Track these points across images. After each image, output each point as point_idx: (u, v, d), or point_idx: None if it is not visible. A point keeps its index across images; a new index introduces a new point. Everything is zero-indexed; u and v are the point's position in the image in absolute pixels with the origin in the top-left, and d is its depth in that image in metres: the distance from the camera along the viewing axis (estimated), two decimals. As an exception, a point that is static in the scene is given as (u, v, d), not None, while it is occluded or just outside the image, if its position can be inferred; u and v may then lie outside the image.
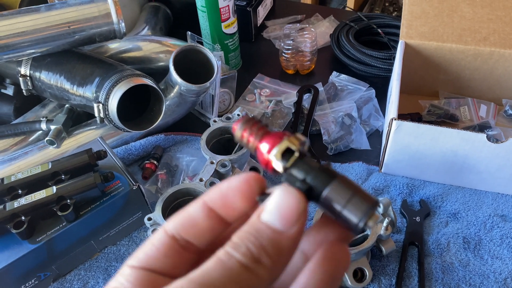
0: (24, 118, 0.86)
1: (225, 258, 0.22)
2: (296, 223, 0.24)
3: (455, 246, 0.69)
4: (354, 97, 0.91)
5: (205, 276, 0.22)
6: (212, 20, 0.93)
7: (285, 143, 0.26)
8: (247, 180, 0.26)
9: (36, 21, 0.73)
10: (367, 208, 0.24)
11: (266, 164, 0.27)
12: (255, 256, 0.22)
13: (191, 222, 0.27)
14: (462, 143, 0.69)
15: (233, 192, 0.26)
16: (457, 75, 0.86)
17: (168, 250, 0.26)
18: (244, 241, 0.23)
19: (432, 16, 0.86)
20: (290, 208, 0.24)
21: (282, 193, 0.24)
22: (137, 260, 0.26)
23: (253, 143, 0.27)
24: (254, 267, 0.22)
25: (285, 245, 0.23)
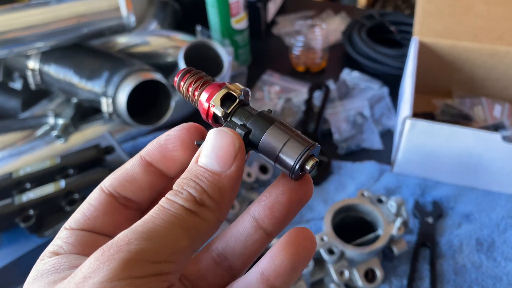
0: (32, 112, 0.85)
1: (167, 205, 0.22)
2: (233, 162, 0.23)
3: (467, 248, 0.68)
4: (366, 95, 0.89)
5: (149, 224, 0.21)
6: (222, 15, 0.92)
7: (225, 89, 0.26)
8: (187, 129, 0.26)
9: (45, 14, 0.72)
10: (303, 150, 0.24)
11: (206, 114, 0.26)
12: (198, 199, 0.22)
13: (128, 178, 0.26)
14: (476, 143, 0.68)
15: (172, 142, 0.26)
16: (472, 74, 0.85)
17: (107, 208, 0.26)
18: (185, 187, 0.23)
19: (447, 14, 0.85)
20: (225, 148, 0.23)
21: (216, 134, 0.24)
22: (75, 222, 0.25)
23: (193, 93, 0.27)
24: (199, 211, 0.22)
25: (226, 185, 0.23)
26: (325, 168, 0.78)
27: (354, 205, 0.65)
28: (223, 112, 0.26)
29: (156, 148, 0.26)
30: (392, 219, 0.63)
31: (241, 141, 0.24)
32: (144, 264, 0.20)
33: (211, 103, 0.26)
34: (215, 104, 0.26)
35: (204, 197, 0.22)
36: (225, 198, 0.23)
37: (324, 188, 0.77)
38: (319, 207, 0.74)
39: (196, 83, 0.27)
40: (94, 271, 0.19)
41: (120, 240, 0.20)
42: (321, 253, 0.60)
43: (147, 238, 0.20)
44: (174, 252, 0.21)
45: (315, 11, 1.17)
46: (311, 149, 0.24)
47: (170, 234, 0.21)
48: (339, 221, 0.65)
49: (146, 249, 0.20)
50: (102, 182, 0.27)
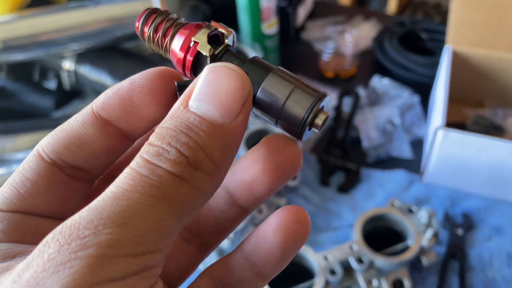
0: (64, 112, 0.87)
1: (145, 170, 0.16)
2: (240, 111, 0.17)
3: (498, 262, 0.67)
4: (397, 103, 0.88)
5: (121, 201, 0.15)
6: (253, 20, 0.92)
7: (212, 26, 0.20)
8: (159, 74, 0.20)
9: (83, 17, 0.74)
10: (313, 101, 0.19)
11: (183, 62, 0.21)
12: (192, 161, 0.16)
13: (77, 141, 0.20)
14: (509, 156, 0.67)
15: (140, 94, 0.20)
16: (505, 84, 0.83)
17: (49, 182, 0.19)
18: (172, 142, 0.16)
19: (481, 23, 0.83)
20: (231, 91, 0.17)
21: (218, 71, 0.17)
22: (5, 201, 0.19)
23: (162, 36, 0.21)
24: (192, 177, 0.16)
25: (229, 142, 0.17)
26: (354, 176, 0.78)
27: (384, 214, 0.64)
28: (211, 51, 0.20)
29: (115, 102, 0.20)
30: (422, 229, 0.62)
31: (250, 84, 0.18)
32: (122, 261, 0.14)
33: (194, 39, 0.20)
34: (200, 41, 0.20)
35: (200, 157, 0.16)
36: (227, 160, 0.17)
37: (353, 195, 0.77)
38: (347, 215, 0.73)
39: (167, 24, 0.21)
40: (50, 276, 0.14)
41: (82, 228, 0.14)
42: (350, 261, 0.60)
43: (122, 223, 0.14)
44: (159, 237, 0.15)
45: (344, 16, 1.17)
46: (322, 100, 0.20)
47: (152, 213, 0.15)
48: (369, 230, 0.65)
49: (122, 238, 0.14)
50: (39, 145, 0.20)
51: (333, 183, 0.79)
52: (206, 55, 0.20)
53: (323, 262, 0.59)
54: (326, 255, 0.60)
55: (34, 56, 0.76)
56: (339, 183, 0.78)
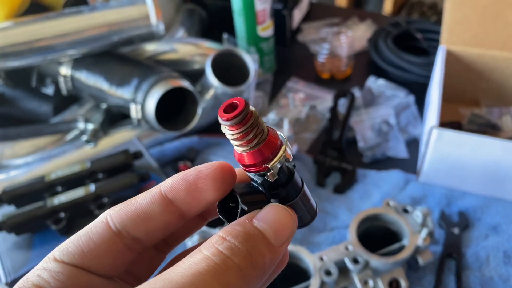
0: (62, 117, 0.88)
1: (219, 259, 0.20)
2: (285, 241, 0.23)
3: (495, 260, 0.67)
4: (392, 103, 0.89)
5: (197, 280, 0.19)
6: (248, 23, 0.93)
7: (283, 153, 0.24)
8: (221, 168, 0.24)
9: (78, 23, 0.75)
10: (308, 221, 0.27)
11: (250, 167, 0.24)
12: (253, 261, 0.21)
13: (144, 216, 0.23)
14: (504, 154, 0.67)
15: (204, 181, 0.24)
16: (500, 83, 0.84)
17: (109, 248, 0.22)
18: (243, 243, 0.21)
19: (475, 22, 0.84)
20: (286, 227, 0.23)
21: (281, 211, 0.23)
22: (68, 255, 0.22)
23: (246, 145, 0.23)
24: (249, 274, 0.20)
25: (275, 259, 0.22)
26: (350, 177, 0.78)
27: (380, 214, 0.65)
28: (274, 176, 0.24)
29: (182, 186, 0.24)
30: (417, 229, 0.62)
31: (296, 226, 0.24)
32: None
33: (269, 166, 0.23)
34: (272, 170, 0.23)
35: (259, 261, 0.21)
36: (269, 270, 0.22)
37: (349, 196, 0.77)
38: (343, 215, 0.74)
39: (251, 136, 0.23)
40: None
41: None
42: (346, 262, 0.60)
43: None
44: None
45: (340, 18, 1.17)
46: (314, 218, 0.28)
47: None
48: (364, 230, 0.65)
49: None
50: (107, 214, 0.23)
51: (329, 184, 0.79)
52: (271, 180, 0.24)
53: (319, 263, 0.59)
54: (322, 256, 0.60)
55: (31, 63, 0.76)
56: (335, 184, 0.78)
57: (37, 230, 0.66)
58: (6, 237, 0.66)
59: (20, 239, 0.66)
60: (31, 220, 0.63)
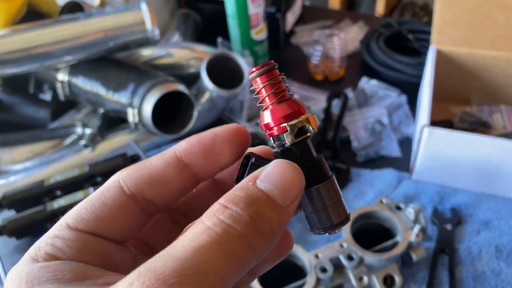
0: (60, 123, 0.89)
1: (220, 229, 0.19)
2: (294, 199, 0.22)
3: (487, 255, 0.69)
4: (385, 103, 0.90)
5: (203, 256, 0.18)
6: (242, 26, 0.95)
7: (305, 118, 0.24)
8: (237, 131, 0.24)
9: (75, 29, 0.76)
10: (343, 218, 0.25)
11: (270, 127, 0.24)
12: (258, 227, 0.20)
13: (159, 179, 0.23)
14: (495, 151, 0.69)
15: (221, 145, 0.23)
16: (490, 82, 0.85)
17: (124, 213, 0.22)
18: (245, 208, 0.20)
19: (464, 22, 0.85)
20: (293, 184, 0.22)
21: (286, 167, 0.22)
22: (82, 221, 0.21)
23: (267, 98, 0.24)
24: (255, 241, 0.19)
25: (285, 219, 0.21)
26: (344, 176, 0.79)
27: (373, 212, 0.66)
28: (292, 141, 0.24)
29: (198, 149, 0.23)
30: (410, 226, 0.64)
31: (304, 182, 0.22)
32: None
33: (288, 125, 0.23)
34: (289, 130, 0.23)
35: (265, 225, 0.20)
36: (280, 232, 0.21)
37: (343, 195, 0.78)
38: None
39: (275, 90, 0.24)
40: None
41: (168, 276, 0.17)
42: (341, 259, 0.61)
43: (200, 275, 0.17)
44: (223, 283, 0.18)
45: (333, 20, 1.19)
46: (348, 221, 0.25)
47: (222, 268, 0.18)
48: (358, 228, 0.66)
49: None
50: (119, 176, 0.22)
51: (324, 184, 0.80)
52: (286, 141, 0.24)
53: (314, 260, 0.61)
54: (317, 253, 0.61)
55: (29, 69, 0.78)
56: (330, 183, 0.79)
57: (37, 234, 0.67)
58: (7, 241, 0.67)
59: (20, 243, 0.67)
60: (31, 224, 0.64)
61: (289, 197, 0.21)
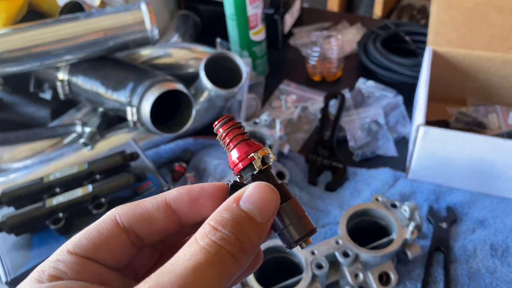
0: (60, 121, 0.90)
1: (214, 249, 0.22)
2: (270, 217, 0.25)
3: (482, 253, 0.69)
4: (381, 103, 0.91)
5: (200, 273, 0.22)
6: (241, 27, 0.95)
7: (266, 149, 0.28)
8: (221, 189, 0.28)
9: (75, 29, 0.77)
10: (309, 231, 0.27)
11: (239, 160, 0.28)
12: (243, 245, 0.23)
13: (149, 219, 0.26)
14: (489, 150, 0.69)
15: (206, 200, 0.27)
16: (486, 82, 0.86)
17: (117, 243, 0.25)
18: (232, 230, 0.23)
19: (460, 23, 0.86)
20: (270, 204, 0.25)
21: (264, 189, 0.25)
22: (81, 248, 0.24)
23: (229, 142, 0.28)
24: (241, 257, 0.23)
25: (263, 235, 0.25)
26: (341, 175, 0.80)
27: (369, 209, 0.67)
28: (260, 167, 0.27)
29: (185, 199, 0.27)
30: (405, 223, 0.64)
31: (279, 200, 0.26)
32: None
33: (254, 154, 0.27)
34: (256, 157, 0.27)
35: (247, 243, 0.23)
36: (257, 247, 0.25)
37: (340, 194, 0.79)
38: (334, 212, 0.76)
39: (237, 134, 0.28)
40: None
41: None
42: (336, 255, 0.62)
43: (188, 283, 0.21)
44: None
45: (331, 22, 1.20)
46: (312, 234, 0.27)
47: (217, 283, 0.22)
48: (354, 226, 0.67)
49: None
50: (115, 212, 0.26)
51: (321, 182, 0.81)
52: (256, 168, 0.27)
53: (310, 257, 0.61)
54: (313, 250, 0.62)
55: (29, 68, 0.78)
56: (326, 182, 0.80)
57: (36, 230, 0.67)
58: (6, 237, 0.67)
59: (19, 239, 0.68)
60: (30, 220, 0.65)
61: (267, 215, 0.25)
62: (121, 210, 0.26)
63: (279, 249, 0.63)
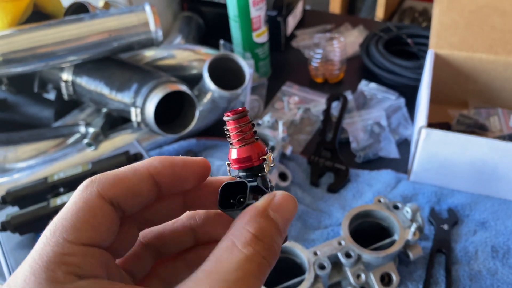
0: (64, 122, 0.90)
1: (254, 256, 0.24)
2: (288, 224, 0.27)
3: (483, 255, 0.70)
4: (383, 105, 0.92)
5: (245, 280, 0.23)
6: (244, 29, 0.96)
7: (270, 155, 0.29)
8: (204, 165, 0.28)
9: (79, 30, 0.77)
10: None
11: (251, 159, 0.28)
12: (272, 250, 0.25)
13: (134, 193, 0.25)
14: (491, 152, 0.70)
15: (188, 174, 0.27)
16: (487, 85, 0.87)
17: (109, 222, 0.24)
18: (267, 238, 0.25)
19: (462, 26, 0.87)
20: (291, 214, 0.27)
21: (290, 199, 0.27)
22: (80, 233, 0.22)
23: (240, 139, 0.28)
24: (270, 261, 0.25)
25: (282, 240, 0.27)
26: (343, 176, 0.80)
27: (371, 211, 0.67)
28: (268, 170, 0.29)
29: (168, 172, 0.27)
30: (407, 225, 0.65)
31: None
32: None
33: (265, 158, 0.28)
34: (267, 160, 0.28)
35: (275, 247, 0.25)
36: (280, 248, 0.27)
37: (342, 195, 0.79)
38: (337, 213, 0.76)
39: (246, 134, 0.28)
40: None
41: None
42: (339, 256, 0.62)
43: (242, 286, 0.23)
44: None
45: (333, 24, 1.20)
46: None
47: (254, 283, 0.23)
48: (356, 227, 0.67)
49: None
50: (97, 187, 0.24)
51: (323, 184, 0.81)
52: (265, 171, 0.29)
53: (313, 257, 0.62)
54: (316, 250, 0.63)
55: (33, 69, 0.79)
56: (329, 184, 0.81)
57: (40, 230, 0.68)
58: (10, 236, 0.68)
59: (23, 239, 0.68)
60: (35, 220, 0.66)
61: (287, 224, 0.27)
62: (103, 184, 0.24)
63: (281, 249, 0.63)
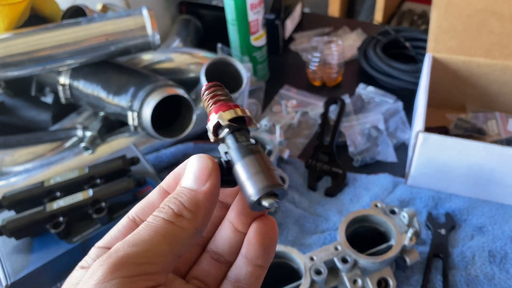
0: (61, 125, 0.90)
1: (151, 219, 0.26)
2: (207, 180, 0.27)
3: (480, 259, 0.69)
4: (381, 109, 0.92)
5: (135, 235, 0.25)
6: (242, 33, 0.96)
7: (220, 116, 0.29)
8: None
9: (77, 33, 0.77)
10: (266, 186, 0.26)
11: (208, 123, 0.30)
12: (176, 212, 0.26)
13: (149, 206, 0.30)
14: (488, 157, 0.70)
15: None
16: (485, 89, 0.87)
17: (129, 231, 0.28)
18: (167, 203, 0.27)
19: (460, 30, 0.87)
20: (201, 169, 0.28)
21: (194, 160, 0.28)
22: (103, 241, 0.29)
23: (208, 105, 0.30)
24: (177, 221, 0.26)
25: (200, 199, 0.27)
26: (340, 180, 0.80)
27: (368, 215, 0.67)
28: (214, 139, 0.29)
29: (173, 179, 0.30)
30: (404, 229, 0.64)
31: (214, 163, 0.28)
32: (129, 266, 0.24)
33: (219, 119, 0.28)
34: (209, 129, 0.29)
35: (181, 209, 0.27)
36: (201, 210, 0.27)
37: (339, 199, 0.79)
38: (334, 218, 0.76)
39: (214, 99, 0.30)
40: (91, 275, 0.24)
41: (112, 249, 0.25)
42: (335, 261, 0.62)
43: (132, 245, 0.25)
44: (155, 255, 0.25)
45: (331, 27, 1.20)
46: (275, 188, 0.26)
47: (151, 240, 0.25)
48: (353, 231, 0.67)
49: (130, 253, 0.24)
50: (130, 210, 0.31)
51: (320, 188, 0.81)
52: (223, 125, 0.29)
53: (309, 262, 0.61)
54: (312, 256, 0.62)
55: (31, 72, 0.79)
56: (326, 187, 0.80)
57: (36, 234, 0.68)
58: (6, 241, 0.68)
59: (19, 243, 0.68)
60: (31, 224, 0.65)
61: (201, 180, 0.27)
62: (133, 207, 0.30)
63: (277, 254, 0.63)
